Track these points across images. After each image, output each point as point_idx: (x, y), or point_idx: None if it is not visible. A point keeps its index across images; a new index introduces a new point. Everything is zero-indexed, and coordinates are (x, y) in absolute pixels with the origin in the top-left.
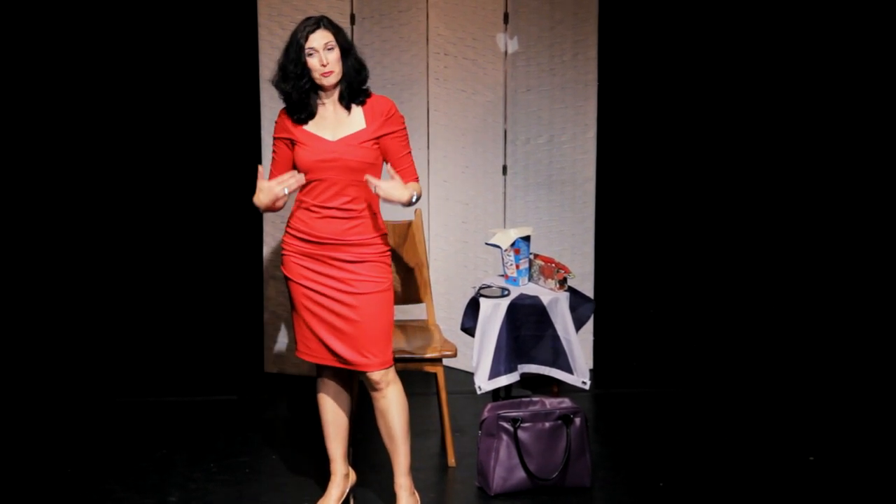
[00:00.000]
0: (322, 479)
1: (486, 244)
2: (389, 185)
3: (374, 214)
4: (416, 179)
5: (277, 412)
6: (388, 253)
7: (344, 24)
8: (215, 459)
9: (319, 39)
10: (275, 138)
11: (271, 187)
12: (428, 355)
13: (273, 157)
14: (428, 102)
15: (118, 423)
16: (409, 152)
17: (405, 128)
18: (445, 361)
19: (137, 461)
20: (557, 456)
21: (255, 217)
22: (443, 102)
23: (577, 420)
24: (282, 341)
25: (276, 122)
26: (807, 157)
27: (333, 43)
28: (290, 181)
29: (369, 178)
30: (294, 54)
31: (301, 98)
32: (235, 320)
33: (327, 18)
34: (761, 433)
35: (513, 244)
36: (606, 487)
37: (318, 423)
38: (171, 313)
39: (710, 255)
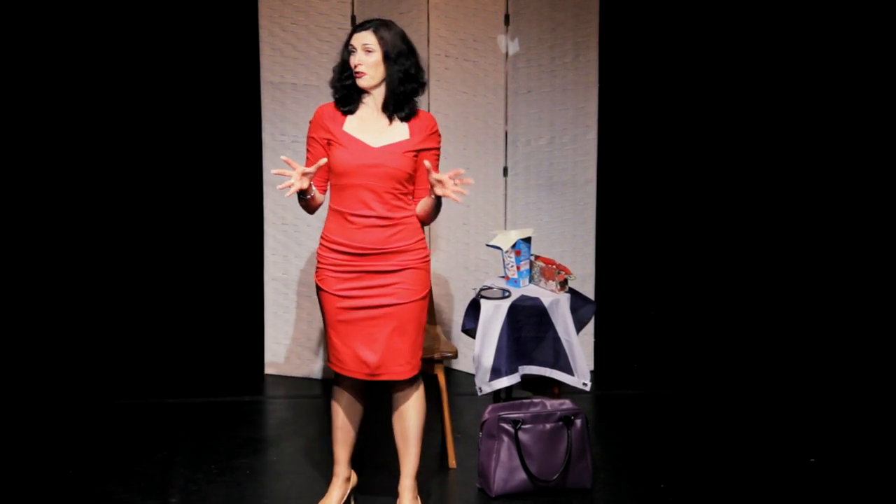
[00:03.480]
0: (322, 480)
1: (487, 246)
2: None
3: (413, 217)
4: None
5: (278, 414)
6: (429, 258)
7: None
8: (216, 461)
9: (360, 39)
10: (310, 137)
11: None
12: (428, 357)
13: (307, 158)
14: (429, 104)
15: (119, 425)
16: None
17: (440, 147)
18: (446, 363)
19: (138, 463)
20: (558, 457)
21: (256, 217)
22: (444, 104)
23: (578, 421)
24: (282, 343)
25: (311, 121)
26: (807, 158)
27: (374, 46)
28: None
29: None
30: (343, 49)
31: (344, 94)
32: (236, 322)
33: (383, 24)
34: (762, 435)
35: (513, 246)
36: (607, 489)
37: (317, 424)
38: (171, 315)
39: (712, 256)
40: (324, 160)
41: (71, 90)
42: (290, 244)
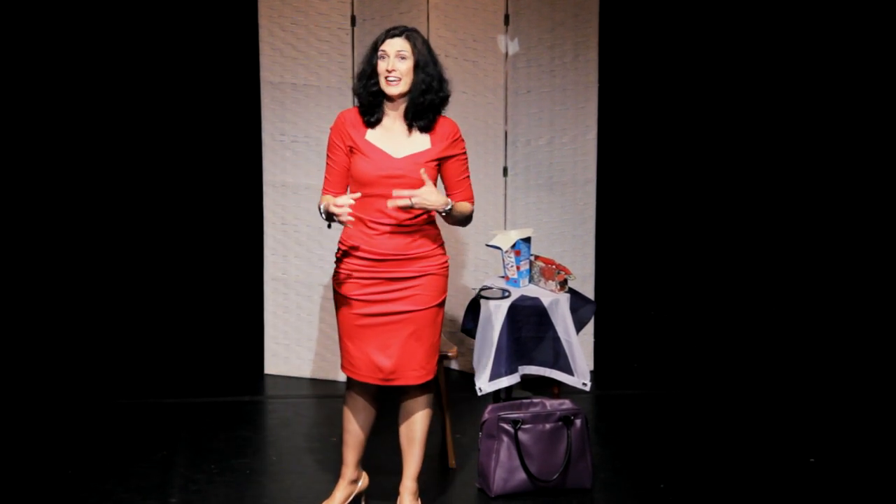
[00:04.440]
0: (322, 480)
1: (487, 246)
2: (424, 192)
3: (433, 224)
4: (472, 201)
5: (278, 414)
6: (447, 264)
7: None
8: (216, 461)
9: (394, 46)
10: (332, 142)
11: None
12: None
13: (329, 165)
14: None
15: (119, 425)
16: (468, 176)
17: (466, 151)
18: (446, 363)
19: (138, 462)
20: (558, 457)
21: (256, 217)
22: None
23: (578, 421)
24: (282, 343)
25: (332, 127)
26: (807, 158)
27: (408, 53)
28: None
29: (400, 191)
30: (369, 55)
31: (370, 101)
32: (236, 321)
33: (414, 31)
34: (762, 435)
35: (513, 246)
36: (607, 489)
37: (318, 424)
38: (171, 314)
39: (711, 256)
40: (359, 194)
41: (71, 90)
42: (289, 244)
